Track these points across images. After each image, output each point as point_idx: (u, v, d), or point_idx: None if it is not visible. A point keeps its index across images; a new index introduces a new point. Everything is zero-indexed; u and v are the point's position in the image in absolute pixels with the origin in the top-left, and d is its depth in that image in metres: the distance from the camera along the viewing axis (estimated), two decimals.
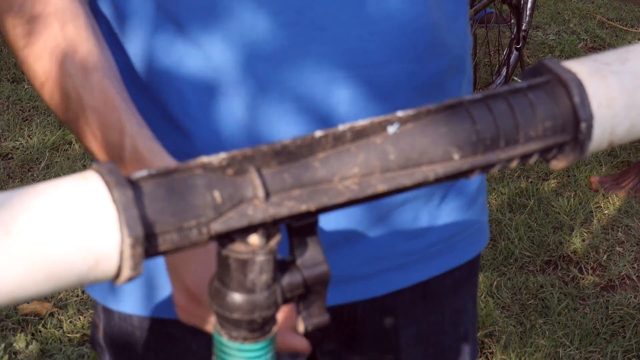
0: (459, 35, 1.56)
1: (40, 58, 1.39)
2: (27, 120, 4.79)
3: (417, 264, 1.56)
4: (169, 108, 1.48)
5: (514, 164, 1.02)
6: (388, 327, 1.59)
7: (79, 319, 3.48)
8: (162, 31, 1.49)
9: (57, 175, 4.26)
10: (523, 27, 4.82)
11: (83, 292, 3.60)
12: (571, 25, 5.71)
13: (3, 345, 3.32)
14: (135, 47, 1.51)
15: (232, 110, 1.47)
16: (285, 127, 1.47)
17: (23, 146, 4.58)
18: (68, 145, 4.55)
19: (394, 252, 1.53)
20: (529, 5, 4.88)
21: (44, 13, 1.37)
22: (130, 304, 1.54)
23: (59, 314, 3.50)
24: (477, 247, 1.64)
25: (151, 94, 1.50)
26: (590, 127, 1.02)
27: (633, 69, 1.06)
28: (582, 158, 1.07)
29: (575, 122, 1.02)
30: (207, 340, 1.01)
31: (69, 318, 3.49)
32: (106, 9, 1.54)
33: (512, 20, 4.83)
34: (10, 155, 4.52)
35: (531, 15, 4.94)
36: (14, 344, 3.35)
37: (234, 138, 1.48)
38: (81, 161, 4.44)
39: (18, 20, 1.38)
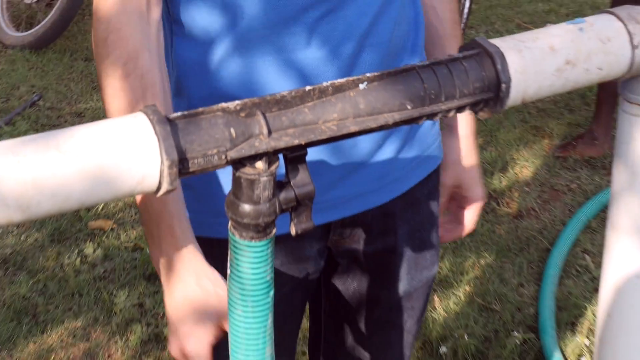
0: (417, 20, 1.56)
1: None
2: (95, 88, 4.76)
3: (406, 176, 1.56)
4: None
5: (451, 113, 1.01)
6: (389, 227, 1.59)
7: (133, 232, 3.47)
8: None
9: None
10: (461, 27, 4.81)
11: (136, 212, 3.58)
12: (496, 26, 5.69)
13: (77, 251, 3.32)
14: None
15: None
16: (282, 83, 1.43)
17: (92, 107, 4.56)
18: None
19: (391, 169, 1.53)
20: (466, 11, 4.87)
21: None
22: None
23: (118, 229, 3.49)
24: (439, 159, 1.63)
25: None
26: (508, 87, 1.02)
27: (541, 46, 1.05)
28: (501, 113, 1.07)
29: (497, 84, 1.01)
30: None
31: (125, 232, 3.48)
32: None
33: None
34: (83, 114, 4.50)
35: (467, 18, 4.93)
36: (84, 250, 3.34)
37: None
38: None
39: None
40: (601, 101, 4.11)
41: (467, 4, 4.87)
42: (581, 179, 3.91)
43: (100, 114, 4.45)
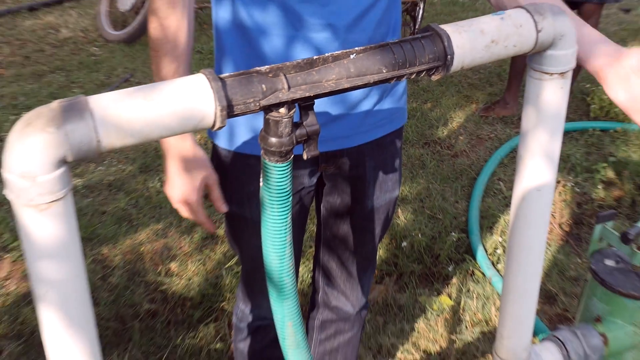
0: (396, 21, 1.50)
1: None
2: None
3: (374, 129, 1.53)
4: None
5: (413, 76, 1.00)
6: (360, 161, 1.56)
7: None
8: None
9: None
10: (416, 27, 4.75)
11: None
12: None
13: (157, 177, 3.34)
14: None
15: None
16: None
17: None
18: None
19: (363, 124, 1.50)
20: (420, 16, 4.80)
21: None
22: (229, 141, 1.51)
23: None
24: (403, 120, 1.60)
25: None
26: (452, 58, 1.00)
27: (475, 29, 1.04)
28: (443, 85, 1.05)
29: (445, 55, 1.00)
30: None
31: None
32: None
33: (411, 24, 4.74)
34: None
35: (421, 21, 4.86)
36: (162, 177, 3.33)
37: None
38: None
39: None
40: (511, 77, 4.08)
41: (421, 12, 4.80)
42: (497, 131, 3.89)
43: None
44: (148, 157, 3.52)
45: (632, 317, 1.64)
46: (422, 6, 4.80)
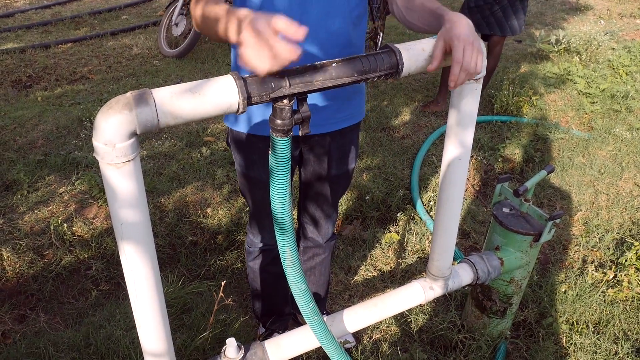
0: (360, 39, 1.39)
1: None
2: (207, 76, 4.60)
3: (341, 122, 1.50)
4: None
5: (375, 80, 0.99)
6: (326, 143, 1.53)
7: (223, 143, 3.41)
8: None
9: None
10: (377, 50, 4.67)
11: (225, 133, 3.53)
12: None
13: (198, 151, 3.29)
14: None
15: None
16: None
17: None
18: None
19: (333, 117, 1.47)
20: (379, 42, 4.73)
21: None
22: (241, 126, 1.47)
23: (216, 141, 3.44)
24: (360, 117, 1.55)
25: None
26: (402, 67, 0.99)
27: (418, 48, 1.02)
28: (397, 83, 1.03)
29: (397, 65, 0.99)
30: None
31: (220, 142, 3.43)
32: None
33: (373, 47, 4.67)
34: None
35: (380, 45, 4.78)
36: (201, 150, 3.30)
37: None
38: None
39: None
40: (441, 83, 4.05)
41: (380, 39, 4.72)
42: (431, 121, 3.86)
43: None
44: (192, 135, 3.48)
45: (520, 246, 1.67)
46: (381, 35, 4.73)
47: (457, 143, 1.25)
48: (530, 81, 4.48)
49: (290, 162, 0.99)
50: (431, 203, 2.85)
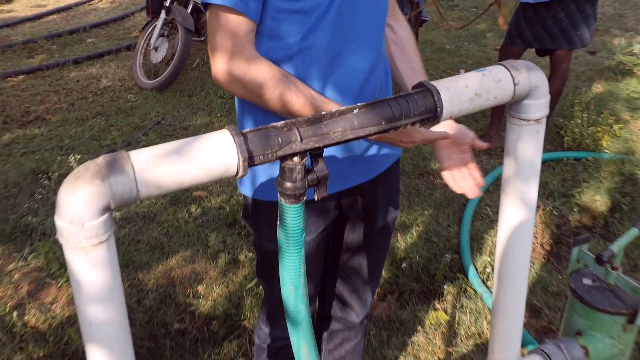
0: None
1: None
2: (195, 113, 4.75)
3: (383, 161, 1.59)
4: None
5: (408, 127, 1.01)
6: (374, 189, 1.61)
7: (219, 198, 3.46)
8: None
9: None
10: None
11: (219, 185, 3.58)
12: (430, 70, 5.64)
13: (185, 209, 3.33)
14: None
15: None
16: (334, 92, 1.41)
17: (193, 124, 4.55)
18: (212, 124, 4.52)
19: (375, 158, 1.55)
20: None
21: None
22: (253, 192, 1.53)
23: (209, 196, 3.49)
24: (399, 153, 1.65)
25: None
26: (441, 110, 1.02)
27: (460, 85, 1.05)
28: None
29: (435, 108, 1.01)
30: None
31: (214, 197, 3.48)
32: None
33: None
34: (187, 128, 4.49)
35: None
36: (190, 209, 3.35)
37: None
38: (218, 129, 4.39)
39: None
40: (493, 115, 4.09)
41: None
42: (483, 162, 3.89)
43: (197, 128, 4.45)
44: (177, 190, 3.54)
45: (610, 330, 1.64)
46: None
47: (517, 201, 1.26)
48: (609, 105, 4.50)
49: (303, 234, 1.00)
50: (488, 270, 2.83)
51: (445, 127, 1.45)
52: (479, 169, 1.51)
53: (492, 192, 3.52)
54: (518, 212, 1.27)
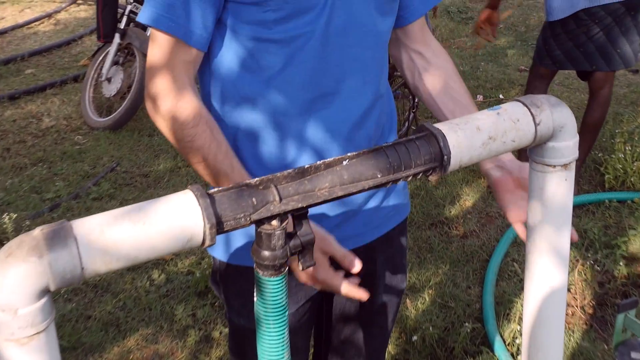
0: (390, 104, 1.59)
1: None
2: (157, 156, 4.77)
3: (384, 223, 1.59)
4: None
5: (409, 178, 1.02)
6: (371, 257, 1.60)
7: (187, 261, 3.46)
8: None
9: (174, 186, 4.24)
10: (416, 100, 4.81)
11: None
12: None
13: (146, 276, 3.32)
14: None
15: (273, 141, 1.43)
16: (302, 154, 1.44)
17: (155, 170, 4.56)
18: (178, 169, 4.53)
19: (373, 219, 1.56)
20: None
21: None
22: (224, 255, 1.54)
23: (175, 259, 3.48)
24: (407, 211, 1.66)
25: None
26: (449, 158, 1.03)
27: (471, 127, 1.07)
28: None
29: (441, 156, 1.03)
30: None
31: (181, 260, 3.47)
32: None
33: (410, 96, 4.81)
34: (148, 175, 4.50)
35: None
36: (152, 276, 3.35)
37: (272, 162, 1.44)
38: (185, 177, 4.42)
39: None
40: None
41: None
42: None
43: (160, 175, 4.46)
44: None
45: None
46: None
47: (546, 255, 1.27)
48: None
49: (286, 311, 1.01)
50: (518, 341, 2.82)
51: (505, 163, 1.46)
52: None
53: (521, 244, 3.53)
54: (547, 270, 1.27)
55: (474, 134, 1.07)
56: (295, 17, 1.33)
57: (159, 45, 1.33)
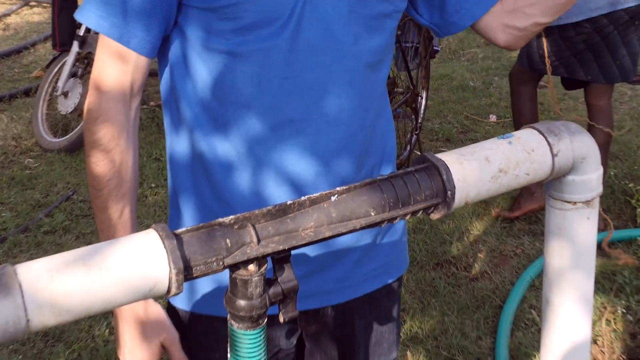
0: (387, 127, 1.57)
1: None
2: None
3: (366, 282, 1.54)
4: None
5: (408, 217, 1.03)
6: (349, 320, 1.56)
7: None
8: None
9: (139, 218, 4.22)
10: (419, 121, 4.84)
11: None
12: (448, 118, 5.71)
13: (105, 323, 3.31)
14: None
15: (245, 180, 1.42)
16: (278, 192, 1.42)
17: None
18: (144, 198, 4.51)
19: (352, 275, 1.51)
20: (422, 107, 4.91)
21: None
22: (182, 302, 1.56)
23: None
24: (402, 269, 1.61)
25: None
26: (453, 193, 1.03)
27: (478, 158, 1.08)
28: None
29: (444, 191, 1.03)
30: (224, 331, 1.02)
31: None
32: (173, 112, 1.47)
33: (412, 116, 4.83)
34: None
35: (424, 113, 4.97)
36: (111, 322, 3.31)
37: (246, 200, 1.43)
38: (152, 207, 4.40)
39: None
40: None
41: (424, 102, 4.91)
42: (524, 245, 3.91)
43: None
44: None
45: None
46: (424, 95, 4.92)
47: (566, 303, 1.27)
48: None
49: None
50: None
51: None
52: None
53: (539, 288, 3.53)
54: (568, 319, 1.27)
55: (482, 165, 1.07)
56: (256, 29, 1.31)
57: (102, 47, 1.35)
